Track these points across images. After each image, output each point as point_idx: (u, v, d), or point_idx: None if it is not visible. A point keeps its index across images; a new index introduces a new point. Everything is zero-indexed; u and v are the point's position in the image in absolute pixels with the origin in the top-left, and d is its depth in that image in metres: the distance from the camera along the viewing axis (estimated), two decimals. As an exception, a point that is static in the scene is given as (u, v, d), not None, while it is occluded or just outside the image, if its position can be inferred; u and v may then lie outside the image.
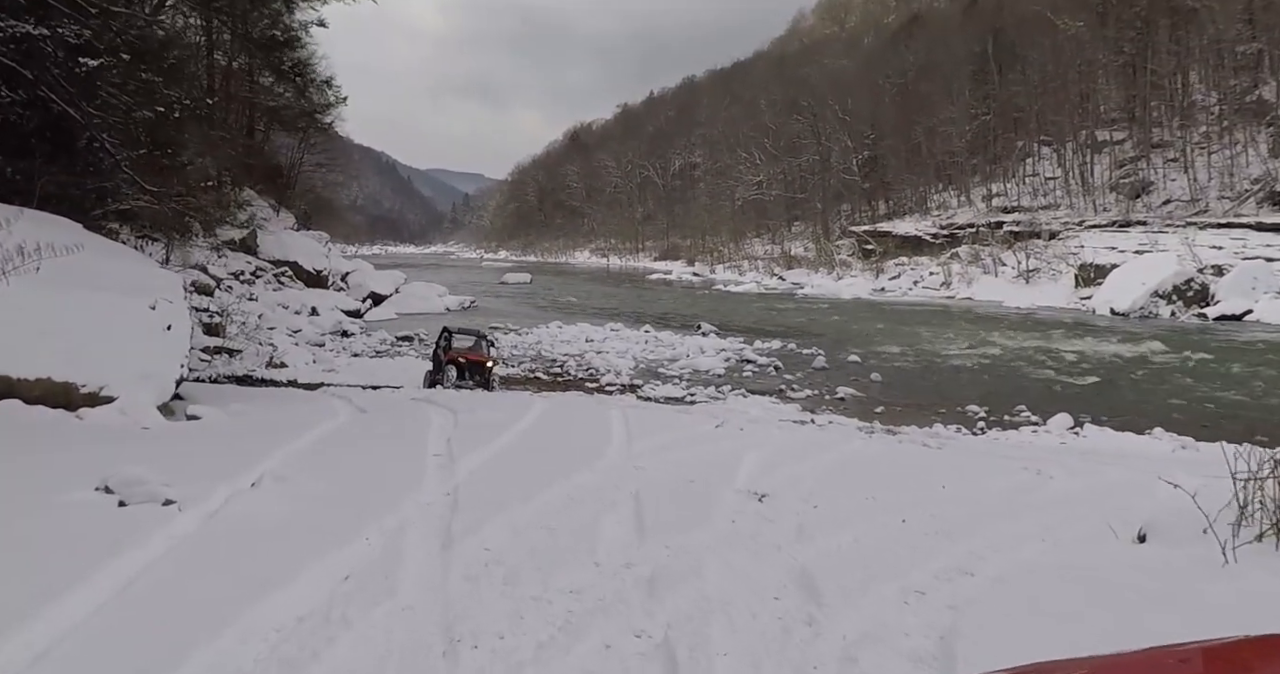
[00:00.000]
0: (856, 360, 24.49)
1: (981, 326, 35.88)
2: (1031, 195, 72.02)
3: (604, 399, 16.55)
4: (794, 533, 5.40)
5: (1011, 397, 18.76)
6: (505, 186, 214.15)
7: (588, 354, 24.40)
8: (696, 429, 10.74)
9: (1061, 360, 25.17)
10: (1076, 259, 54.19)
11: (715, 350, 25.62)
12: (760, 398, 17.45)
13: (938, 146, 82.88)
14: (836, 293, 58.62)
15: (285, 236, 39.28)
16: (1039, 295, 51.75)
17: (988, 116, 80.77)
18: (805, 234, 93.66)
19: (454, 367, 15.97)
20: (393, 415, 10.98)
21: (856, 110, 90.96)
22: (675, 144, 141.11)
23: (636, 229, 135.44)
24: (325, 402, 12.23)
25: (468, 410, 10.91)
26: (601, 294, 57.33)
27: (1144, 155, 66.83)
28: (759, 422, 12.22)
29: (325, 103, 44.51)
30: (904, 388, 20.25)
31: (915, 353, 26.68)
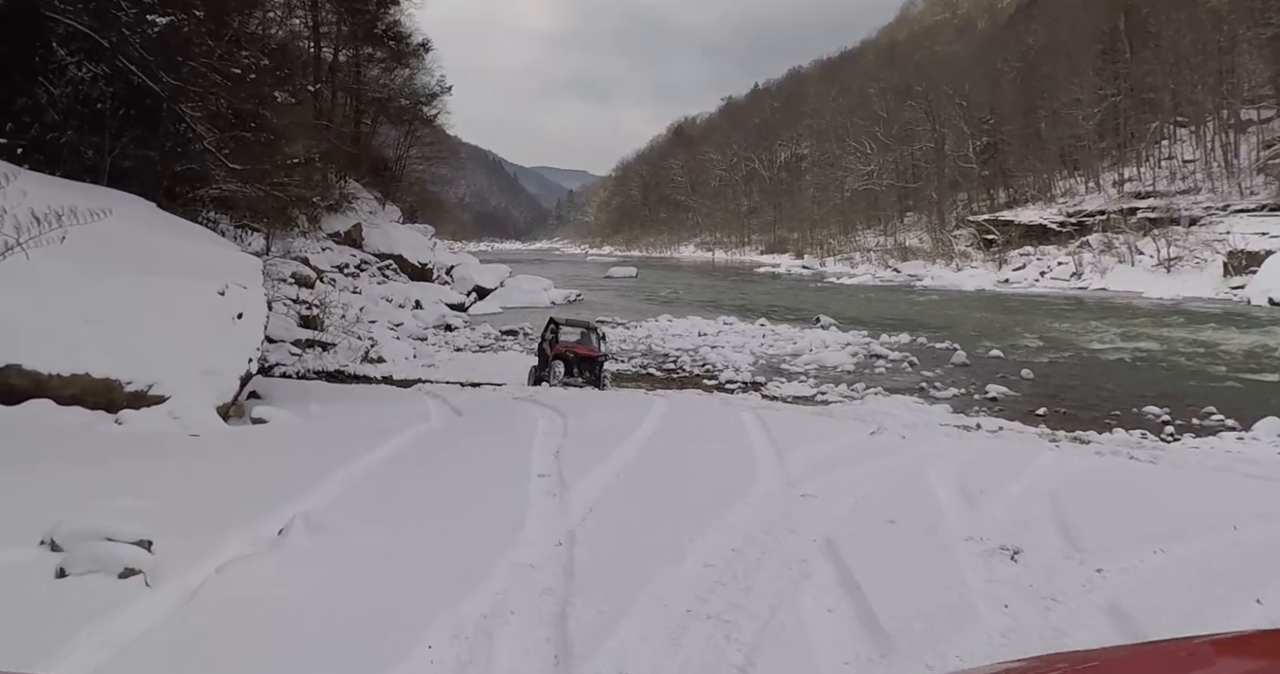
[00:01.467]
0: (998, 356, 22.25)
1: (1125, 319, 32.96)
2: (1168, 179, 67.28)
3: (728, 399, 14.83)
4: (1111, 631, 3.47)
5: (1191, 397, 16.38)
6: (609, 182, 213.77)
7: (702, 349, 22.72)
8: (849, 436, 8.98)
9: (1230, 355, 22.45)
10: (1224, 246, 50.11)
11: (840, 345, 23.64)
12: (902, 398, 15.50)
13: (1062, 130, 78.43)
14: (958, 284, 55.69)
15: (391, 229, 38.59)
16: (1182, 285, 48.08)
17: (1117, 97, 76.02)
18: (919, 225, 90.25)
19: (561, 361, 14.53)
20: (491, 418, 9.50)
21: (973, 95, 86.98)
22: (781, 135, 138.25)
23: (742, 222, 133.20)
24: (417, 401, 10.85)
25: (577, 412, 9.34)
26: (709, 288, 55.58)
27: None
28: (916, 427, 10.35)
29: (430, 92, 43.82)
30: (1060, 386, 17.99)
31: (1061, 347, 24.23)
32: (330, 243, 33.83)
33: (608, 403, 11.14)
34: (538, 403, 10.62)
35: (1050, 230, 68.15)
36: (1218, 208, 59.55)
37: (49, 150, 11.10)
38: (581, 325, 16.50)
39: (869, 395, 16.31)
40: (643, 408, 10.38)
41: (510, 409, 10.22)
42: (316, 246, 30.11)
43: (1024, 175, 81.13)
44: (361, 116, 43.90)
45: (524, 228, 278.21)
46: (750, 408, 11.69)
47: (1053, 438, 10.54)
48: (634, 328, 27.88)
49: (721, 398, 15.09)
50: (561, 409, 9.64)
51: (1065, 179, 78.28)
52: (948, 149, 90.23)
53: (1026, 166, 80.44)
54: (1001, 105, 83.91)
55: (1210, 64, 67.90)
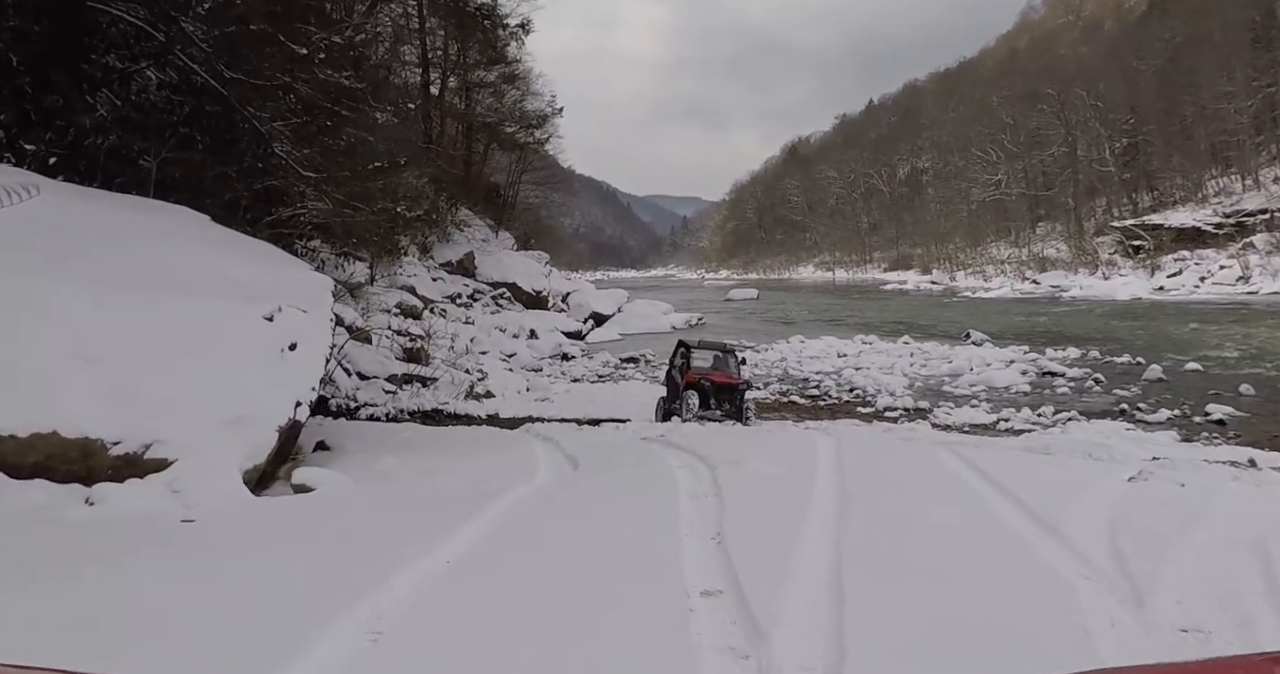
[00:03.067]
0: (1198, 369, 19.13)
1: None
2: (1346, 171, 61.38)
3: (892, 429, 12.40)
4: None
5: None
6: (723, 206, 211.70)
7: (845, 371, 20.23)
8: (1104, 485, 6.54)
9: None
10: None
11: (1003, 362, 20.83)
12: (1108, 423, 12.77)
13: (1212, 127, 72.89)
14: (1110, 294, 51.54)
15: (504, 257, 37.24)
16: (1373, 286, 43.22)
17: (1273, 88, 70.26)
18: (1053, 234, 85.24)
19: (695, 391, 12.38)
20: (615, 472, 7.34)
21: (1109, 95, 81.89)
22: (900, 149, 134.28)
23: (862, 240, 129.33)
24: (522, 448, 8.81)
25: (728, 460, 7.11)
26: (836, 307, 52.69)
27: None
28: (1178, 467, 7.77)
29: (540, 115, 42.48)
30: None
31: (1269, 358, 20.84)
32: (442, 272, 32.59)
33: (760, 443, 8.88)
34: (673, 446, 8.45)
35: (1205, 233, 62.94)
36: None
37: (90, 157, 9.59)
38: (716, 347, 14.26)
39: (1065, 421, 13.62)
40: (806, 449, 8.10)
41: (639, 457, 8.03)
42: (427, 276, 28.75)
43: (1170, 176, 75.67)
44: (473, 143, 42.88)
45: (639, 256, 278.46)
46: (939, 444, 9.28)
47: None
48: (765, 351, 25.53)
49: (884, 427, 12.68)
50: (705, 455, 7.44)
51: (1217, 178, 72.72)
52: (1082, 153, 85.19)
53: (1172, 167, 75.00)
54: (1141, 104, 78.64)
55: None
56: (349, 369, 12.61)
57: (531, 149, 44.71)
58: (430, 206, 33.69)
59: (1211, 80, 72.48)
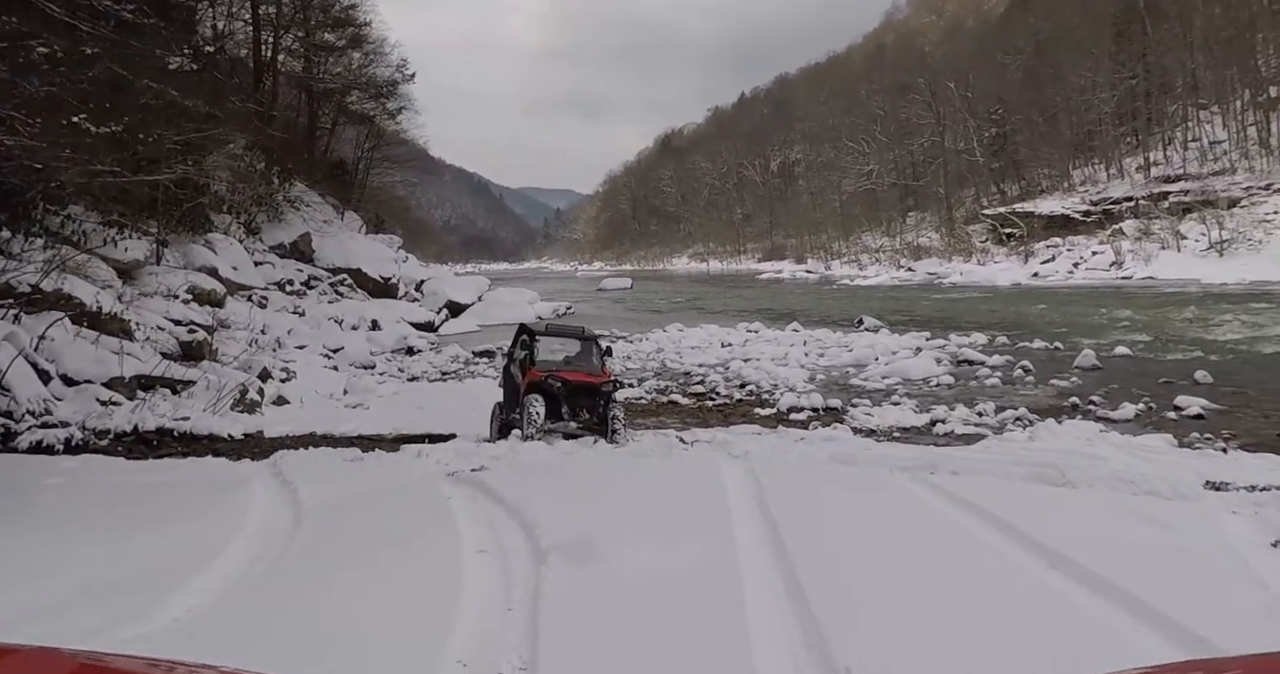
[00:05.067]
0: (1128, 354, 16.88)
1: (1214, 307, 27.61)
2: (1199, 161, 62.28)
3: (807, 437, 9.43)
4: None
5: None
6: (597, 198, 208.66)
7: (733, 363, 17.26)
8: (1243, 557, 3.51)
9: None
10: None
11: (909, 349, 18.23)
12: (1077, 425, 10.03)
13: (1076, 118, 73.58)
14: (990, 280, 50.61)
15: (347, 240, 33.12)
16: (1244, 269, 42.96)
17: (1134, 80, 71.21)
18: (925, 223, 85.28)
19: (540, 395, 8.94)
20: (339, 574, 3.88)
21: (978, 86, 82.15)
22: (773, 141, 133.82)
23: (736, 230, 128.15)
24: (227, 505, 5.30)
25: (574, 541, 3.85)
26: (714, 295, 50.16)
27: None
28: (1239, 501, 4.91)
29: (389, 81, 38.28)
30: (1268, 393, 12.56)
31: (1188, 342, 18.86)
32: (272, 256, 28.40)
33: (634, 484, 5.64)
34: (486, 493, 5.14)
35: (1074, 220, 63.16)
36: (1259, 187, 54.68)
37: None
38: (572, 334, 10.58)
39: (1013, 421, 10.86)
40: (710, 496, 4.95)
41: (410, 527, 4.58)
42: (247, 259, 24.58)
43: (1037, 165, 76.16)
44: (317, 113, 38.48)
45: (512, 249, 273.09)
46: (900, 469, 6.26)
47: None
48: (639, 341, 22.44)
49: (796, 436, 9.67)
50: (533, 520, 4.20)
51: (1082, 167, 73.45)
52: (951, 144, 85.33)
53: (1039, 156, 75.48)
54: (1009, 95, 79.08)
55: (1236, 40, 63.15)
56: (47, 370, 8.90)
57: (383, 122, 40.55)
58: (259, 180, 29.45)
59: (1076, 72, 73.12)
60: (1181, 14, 65.91)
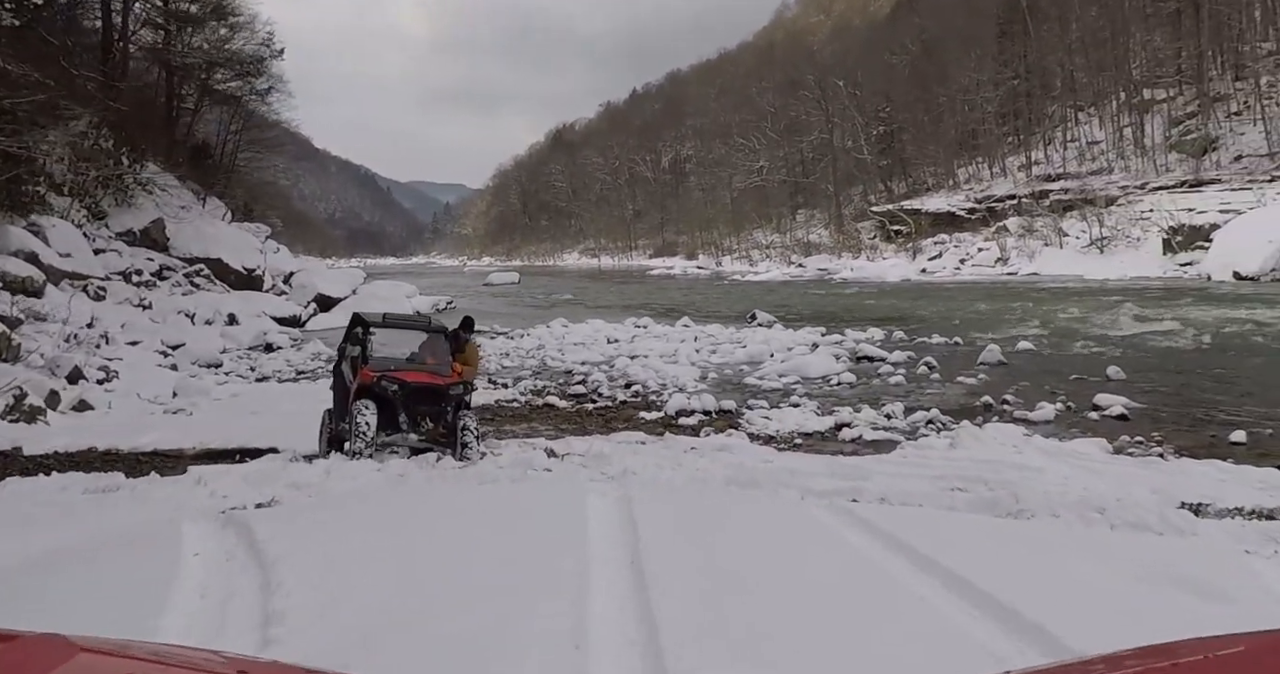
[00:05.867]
0: (1031, 349, 16.16)
1: (1100, 301, 27.57)
2: (1077, 160, 63.75)
3: (699, 446, 8.14)
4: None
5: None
6: (487, 192, 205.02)
7: (618, 361, 15.92)
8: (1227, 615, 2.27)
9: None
10: (1157, 223, 45.97)
11: (805, 345, 17.21)
12: (1000, 428, 8.96)
13: (961, 117, 74.67)
14: (881, 275, 50.58)
15: (207, 228, 30.67)
16: (1123, 265, 43.74)
17: (1016, 80, 72.59)
18: (814, 220, 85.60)
19: (370, 402, 7.29)
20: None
21: (866, 84, 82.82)
22: (664, 137, 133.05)
23: (628, 227, 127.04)
24: None
25: (335, 649, 2.39)
26: (604, 290, 48.85)
27: (1204, 110, 58.77)
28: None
29: (256, 57, 35.66)
30: (1183, 388, 11.82)
31: (1087, 337, 18.33)
32: (120, 243, 25.95)
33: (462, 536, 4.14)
34: (249, 548, 3.62)
35: (960, 218, 63.91)
36: (1135, 186, 56.03)
37: None
38: (417, 326, 8.88)
39: (926, 424, 9.78)
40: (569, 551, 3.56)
41: (99, 614, 2.97)
42: (85, 245, 22.18)
43: (923, 164, 77.05)
44: (176, 92, 35.66)
45: (400, 243, 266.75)
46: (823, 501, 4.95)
47: None
48: (519, 337, 20.96)
49: (687, 445, 8.37)
50: (279, 609, 2.72)
51: (967, 165, 74.56)
52: (840, 141, 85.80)
53: (926, 154, 76.33)
54: (896, 94, 79.82)
55: (1109, 44, 64.84)
56: None
57: (251, 103, 37.91)
58: (105, 159, 26.80)
59: (961, 72, 74.16)
60: (1061, 16, 67.46)
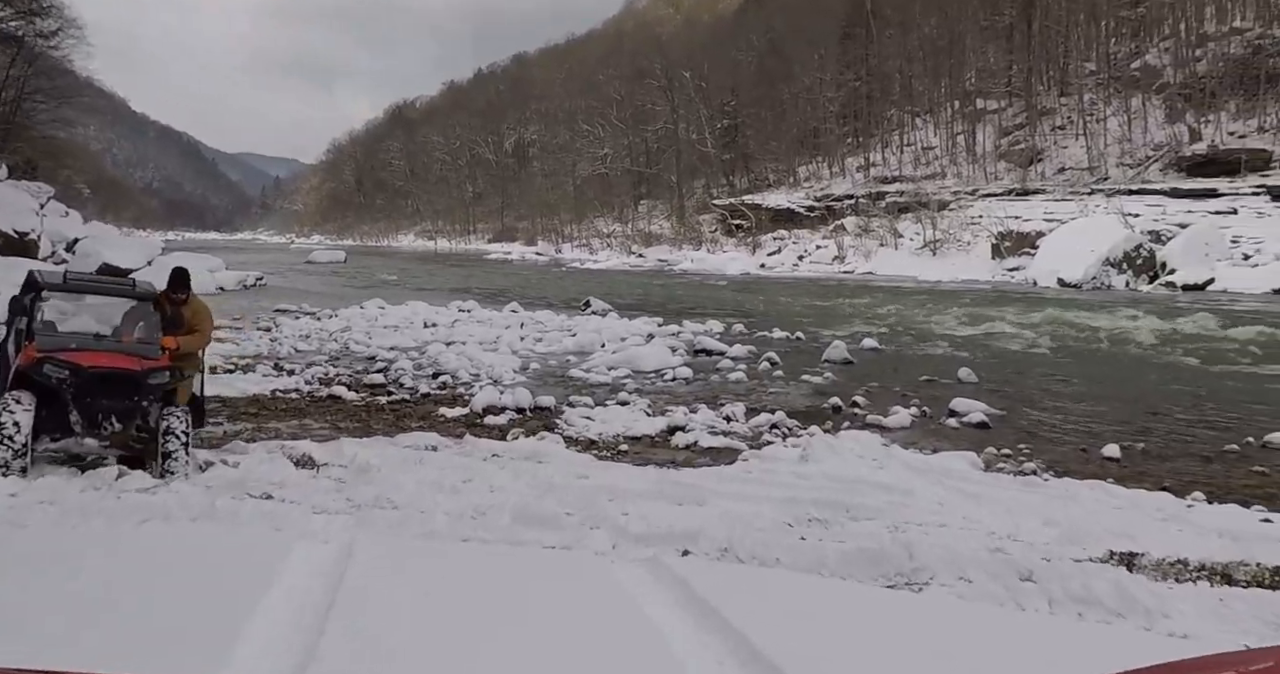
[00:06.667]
0: (878, 347, 15.25)
1: (937, 301, 27.54)
2: (913, 164, 65.31)
3: (502, 455, 6.56)
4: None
5: (1228, 402, 9.90)
6: (320, 167, 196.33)
7: (431, 347, 14.11)
8: None
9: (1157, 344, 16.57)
10: (987, 228, 47.18)
11: (640, 336, 15.83)
12: (855, 435, 7.68)
13: (803, 115, 75.46)
14: (720, 268, 50.02)
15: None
16: (954, 268, 44.60)
17: (858, 83, 73.92)
18: (656, 211, 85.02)
19: (27, 394, 5.35)
20: None
21: (713, 77, 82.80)
22: (508, 119, 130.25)
23: (467, 209, 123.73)
24: None
25: None
26: (436, 273, 46.45)
27: (1031, 123, 61.12)
28: None
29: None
30: (1037, 394, 10.97)
31: (929, 337, 17.68)
32: None
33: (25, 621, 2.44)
34: None
35: (799, 214, 64.33)
36: (966, 192, 57.59)
37: None
38: (117, 290, 6.79)
39: (769, 428, 8.47)
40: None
41: None
42: None
43: (765, 159, 77.52)
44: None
45: (225, 218, 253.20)
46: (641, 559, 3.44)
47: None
48: (327, 318, 18.80)
49: (487, 453, 6.78)
50: None
51: (807, 163, 75.38)
52: (685, 134, 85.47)
53: (768, 151, 76.80)
54: (741, 89, 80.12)
55: (949, 52, 66.59)
56: None
57: (37, 46, 33.84)
58: None
59: (805, 71, 74.98)
60: (903, 22, 68.88)
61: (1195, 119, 50.68)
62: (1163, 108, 54.18)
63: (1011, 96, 64.80)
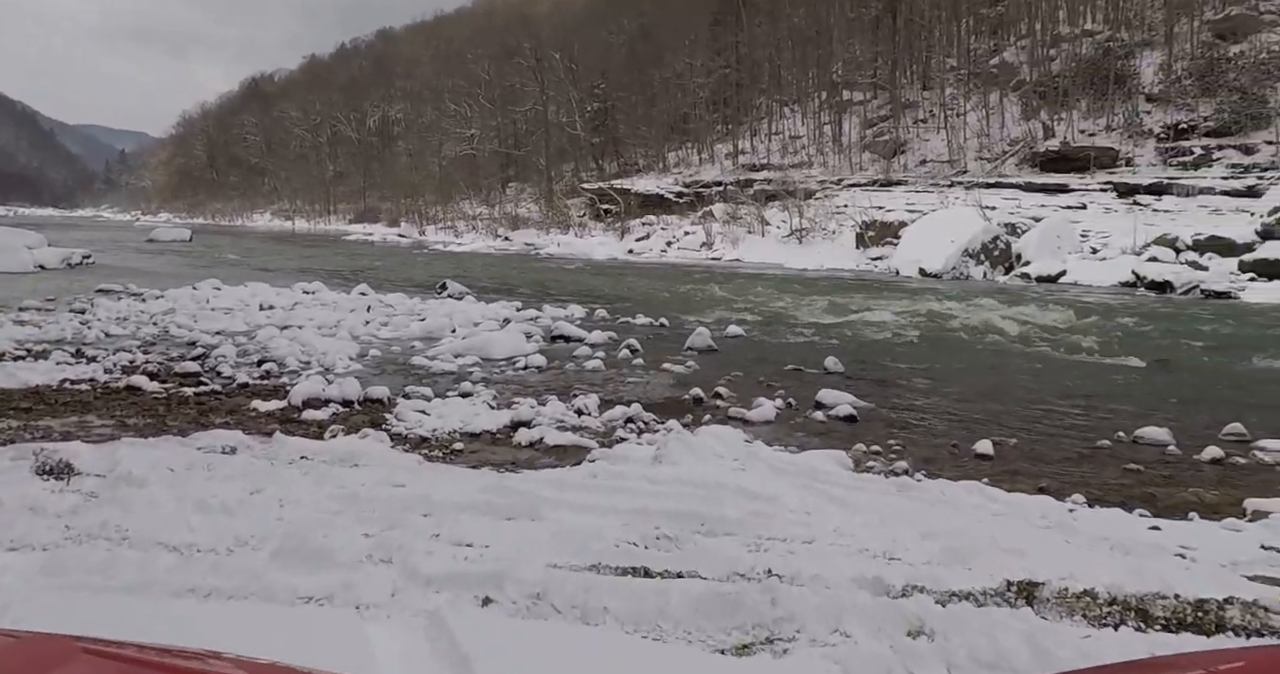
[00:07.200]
0: (741, 334, 14.70)
1: (803, 289, 27.39)
2: (781, 153, 65.83)
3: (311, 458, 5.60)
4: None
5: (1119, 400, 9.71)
6: (170, 141, 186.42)
7: (262, 332, 12.88)
8: None
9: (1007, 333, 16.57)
10: (852, 218, 47.78)
11: (495, 320, 14.91)
12: (716, 431, 6.95)
13: (674, 101, 75.26)
14: (588, 253, 49.21)
15: None
16: (821, 256, 44.84)
17: (728, 70, 74.09)
18: (524, 194, 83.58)
19: None
20: None
21: (583, 58, 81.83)
22: (372, 97, 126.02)
23: (327, 189, 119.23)
24: None
25: None
26: (288, 254, 44.16)
27: (895, 115, 62.34)
28: None
29: None
30: (904, 387, 10.55)
31: (797, 324, 17.28)
32: None
33: None
34: None
35: (668, 200, 64.01)
36: (832, 182, 58.26)
37: None
38: None
39: (624, 422, 7.72)
40: None
41: None
42: None
43: (635, 144, 77.04)
44: None
45: (64, 193, 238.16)
46: (428, 644, 2.57)
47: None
48: (151, 299, 17.18)
49: (295, 454, 5.81)
50: None
51: (677, 149, 75.17)
52: (554, 115, 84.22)
53: (638, 135, 76.33)
54: (612, 72, 79.34)
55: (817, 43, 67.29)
56: None
57: None
58: None
59: (676, 57, 74.75)
60: (772, 10, 69.29)
61: (1049, 116, 52.46)
62: (1019, 104, 55.90)
63: (877, 89, 65.88)
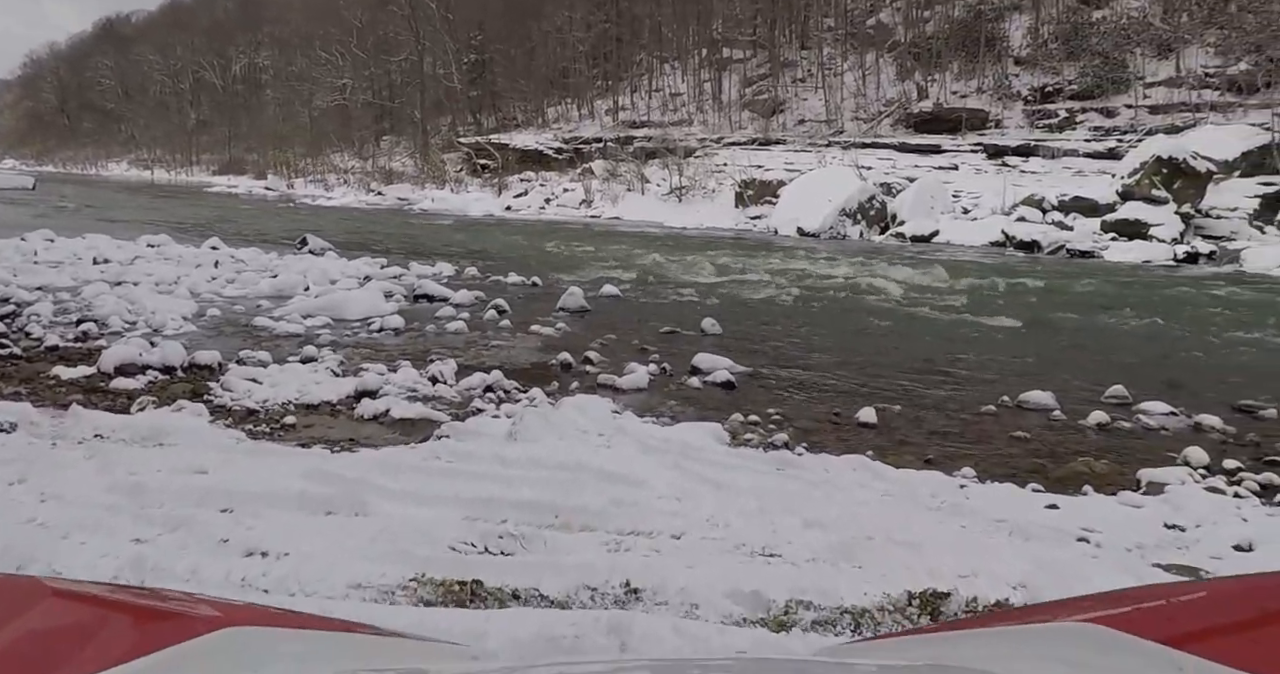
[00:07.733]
0: (617, 295, 14.07)
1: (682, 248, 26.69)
2: (661, 110, 65.24)
3: (102, 444, 4.73)
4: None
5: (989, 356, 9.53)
6: (15, 83, 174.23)
7: (90, 287, 11.64)
8: None
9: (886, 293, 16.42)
10: (732, 176, 47.62)
11: (355, 278, 13.94)
12: (582, 402, 6.32)
13: (553, 55, 73.70)
14: (464, 209, 47.99)
15: None
16: (701, 215, 44.52)
17: (608, 24, 72.83)
18: (399, 148, 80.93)
19: None
20: None
21: (459, 9, 79.24)
22: (238, 42, 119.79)
23: (189, 138, 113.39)
24: None
25: None
26: (139, 205, 41.51)
27: (774, 74, 62.35)
28: None
29: None
30: (785, 350, 10.13)
31: (674, 284, 16.75)
32: None
33: None
34: None
35: (547, 157, 62.79)
36: (712, 140, 58.00)
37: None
38: None
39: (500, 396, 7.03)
40: None
41: None
42: None
43: (514, 98, 75.24)
44: None
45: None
46: None
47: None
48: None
49: (92, 430, 4.96)
50: None
51: (556, 105, 73.70)
52: (430, 67, 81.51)
53: (517, 89, 74.54)
54: (490, 24, 77.08)
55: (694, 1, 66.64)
56: None
57: None
58: None
59: (555, 10, 73.13)
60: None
61: (923, 78, 53.17)
62: (894, 65, 56.50)
63: (756, 47, 65.69)
